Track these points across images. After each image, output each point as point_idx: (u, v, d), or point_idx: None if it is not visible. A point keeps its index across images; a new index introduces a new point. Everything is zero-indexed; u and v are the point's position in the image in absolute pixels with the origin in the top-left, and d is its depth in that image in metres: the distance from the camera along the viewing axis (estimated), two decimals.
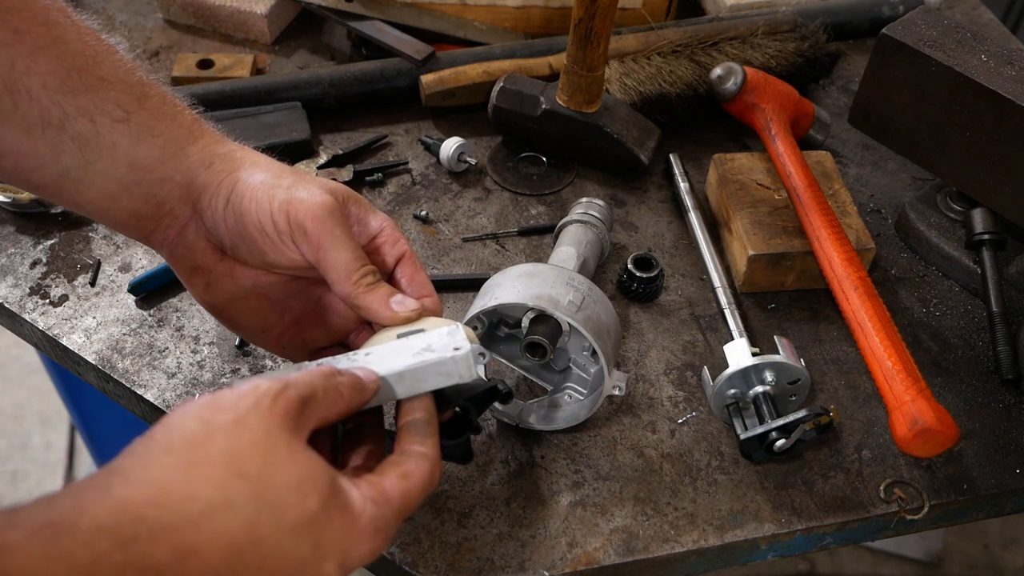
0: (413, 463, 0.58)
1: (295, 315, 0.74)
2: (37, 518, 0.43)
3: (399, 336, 0.67)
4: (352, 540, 0.52)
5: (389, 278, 0.72)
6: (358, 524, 0.53)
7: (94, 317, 0.92)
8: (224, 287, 0.71)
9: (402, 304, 0.67)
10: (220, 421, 0.50)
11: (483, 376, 0.65)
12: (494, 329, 0.83)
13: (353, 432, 0.65)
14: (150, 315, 0.92)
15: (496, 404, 0.83)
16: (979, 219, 0.95)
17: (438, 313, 0.71)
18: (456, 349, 0.63)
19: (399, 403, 0.63)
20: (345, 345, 0.75)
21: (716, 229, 1.03)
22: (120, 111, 0.65)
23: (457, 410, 0.68)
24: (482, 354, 0.65)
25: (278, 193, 0.66)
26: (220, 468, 0.48)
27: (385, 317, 0.67)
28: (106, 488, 0.46)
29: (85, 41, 0.65)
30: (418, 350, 0.63)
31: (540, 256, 0.99)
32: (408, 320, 0.68)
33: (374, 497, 0.54)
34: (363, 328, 0.74)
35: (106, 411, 1.58)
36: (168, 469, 0.47)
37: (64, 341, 0.89)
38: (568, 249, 0.91)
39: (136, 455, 0.48)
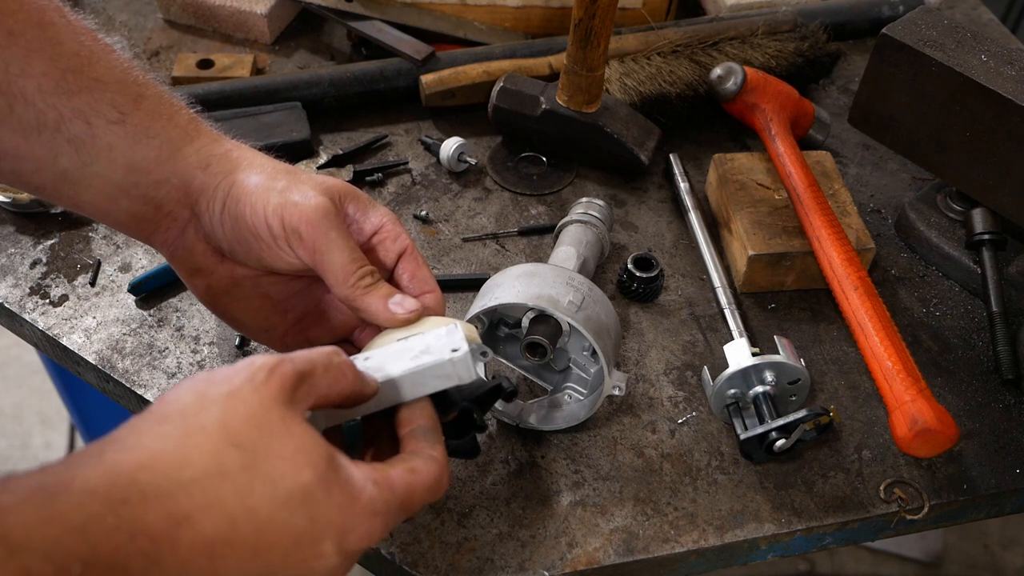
0: (421, 462, 0.58)
1: (297, 314, 0.74)
2: (31, 483, 0.43)
3: (399, 340, 0.67)
4: (351, 518, 0.52)
5: (390, 274, 0.72)
6: (357, 502, 0.52)
7: (94, 317, 0.92)
8: (225, 288, 0.71)
9: (401, 305, 0.67)
10: (215, 393, 0.50)
11: (483, 376, 0.65)
12: (494, 329, 0.83)
13: (370, 439, 0.65)
14: (150, 315, 0.92)
15: (496, 405, 0.83)
16: (979, 219, 0.95)
17: (441, 310, 0.70)
18: (454, 351, 0.62)
19: (399, 412, 0.63)
20: (349, 342, 0.75)
21: (716, 229, 1.03)
22: (116, 112, 0.65)
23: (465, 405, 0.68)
24: (484, 353, 0.64)
25: (272, 197, 0.66)
26: (213, 437, 0.48)
27: (384, 319, 0.67)
28: (99, 454, 0.46)
29: (80, 42, 0.65)
30: (416, 353, 0.63)
31: (540, 256, 0.99)
32: (408, 321, 0.67)
33: (376, 479, 0.54)
34: (366, 326, 0.74)
35: (106, 411, 1.58)
36: (161, 437, 0.48)
37: (64, 341, 0.89)
38: (568, 249, 0.91)
39: (131, 426, 0.49)
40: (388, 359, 0.63)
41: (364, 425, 0.63)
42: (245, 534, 0.47)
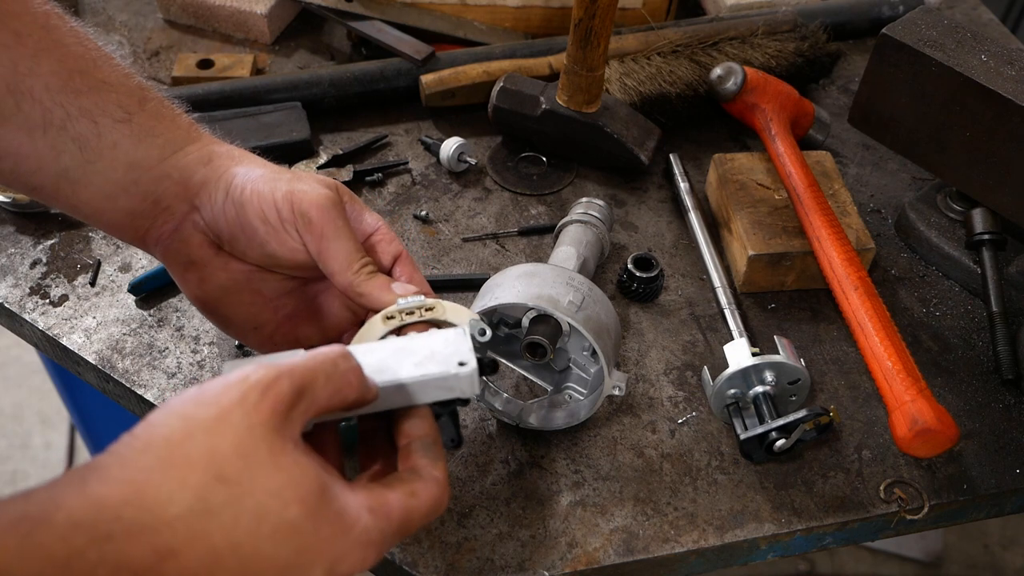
0: (422, 484, 0.57)
1: (288, 312, 0.74)
2: (13, 512, 0.42)
3: (400, 305, 0.66)
4: (342, 549, 0.51)
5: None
6: (350, 534, 0.51)
7: (94, 317, 0.92)
8: (218, 281, 0.71)
9: (403, 288, 0.68)
10: (201, 417, 0.48)
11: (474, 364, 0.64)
12: (494, 329, 0.83)
13: (368, 437, 0.65)
14: (150, 315, 0.92)
15: (496, 405, 0.83)
16: (979, 219, 0.95)
17: None
18: (461, 364, 0.61)
19: (399, 422, 0.61)
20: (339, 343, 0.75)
21: (716, 229, 1.03)
22: (122, 112, 0.66)
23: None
24: (483, 331, 0.64)
25: (280, 184, 0.67)
26: (198, 470, 0.47)
27: (387, 302, 0.67)
28: (83, 484, 0.45)
29: (84, 45, 0.66)
30: (421, 358, 0.61)
31: (540, 256, 0.99)
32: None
33: (372, 508, 0.53)
34: (356, 328, 0.74)
35: (106, 411, 1.58)
36: (145, 470, 0.46)
37: (64, 341, 0.89)
38: (568, 249, 0.91)
39: (116, 453, 0.47)
40: (390, 359, 0.61)
41: (369, 421, 0.63)
42: (230, 567, 0.47)
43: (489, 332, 0.65)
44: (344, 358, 0.56)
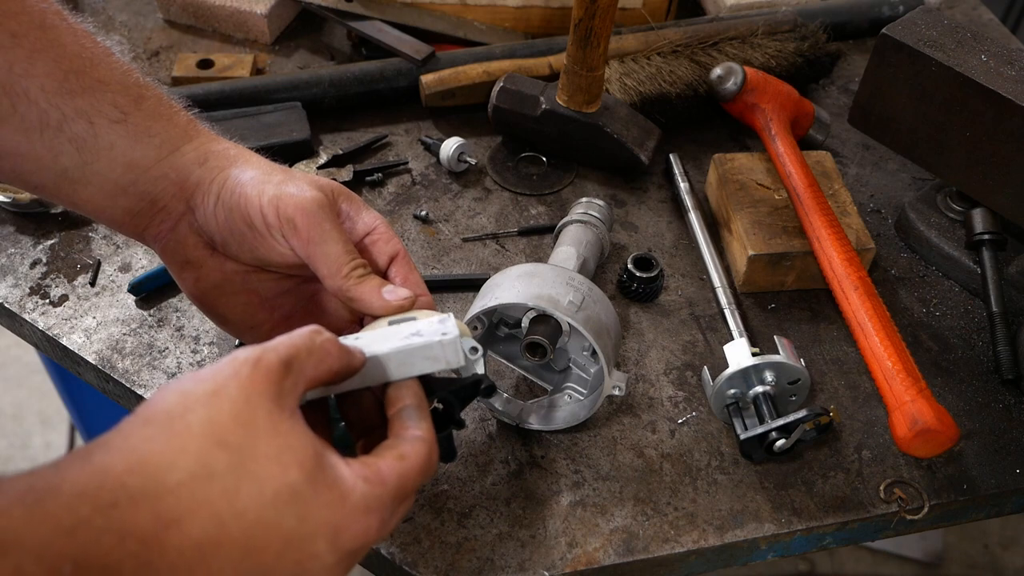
0: (409, 446, 0.57)
1: (285, 312, 0.74)
2: (20, 485, 0.43)
3: (390, 323, 0.67)
4: (342, 517, 0.51)
5: (382, 277, 0.72)
6: (348, 500, 0.52)
7: (94, 317, 0.92)
8: (214, 282, 0.71)
9: (394, 293, 0.67)
10: (199, 392, 0.50)
11: (482, 371, 0.65)
12: (494, 329, 0.83)
13: (361, 417, 0.65)
14: (150, 315, 0.92)
15: (496, 405, 0.83)
16: (979, 219, 0.95)
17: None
18: (444, 335, 0.62)
19: (387, 393, 0.62)
20: None
21: (716, 229, 1.03)
22: (117, 112, 0.66)
23: (439, 405, 0.67)
24: (475, 348, 0.65)
25: (268, 188, 0.67)
26: (198, 438, 0.48)
27: (378, 307, 0.67)
28: (87, 457, 0.46)
29: (81, 44, 0.66)
30: (407, 335, 0.63)
31: (540, 256, 0.99)
32: (401, 308, 0.67)
33: (366, 476, 0.53)
34: (355, 327, 0.74)
35: (106, 411, 1.58)
36: (147, 440, 0.47)
37: (64, 341, 0.89)
38: (568, 249, 0.91)
39: (119, 429, 0.48)
40: (378, 339, 0.63)
41: (356, 407, 0.64)
42: (234, 535, 0.47)
43: (481, 350, 0.65)
44: (318, 332, 0.57)
